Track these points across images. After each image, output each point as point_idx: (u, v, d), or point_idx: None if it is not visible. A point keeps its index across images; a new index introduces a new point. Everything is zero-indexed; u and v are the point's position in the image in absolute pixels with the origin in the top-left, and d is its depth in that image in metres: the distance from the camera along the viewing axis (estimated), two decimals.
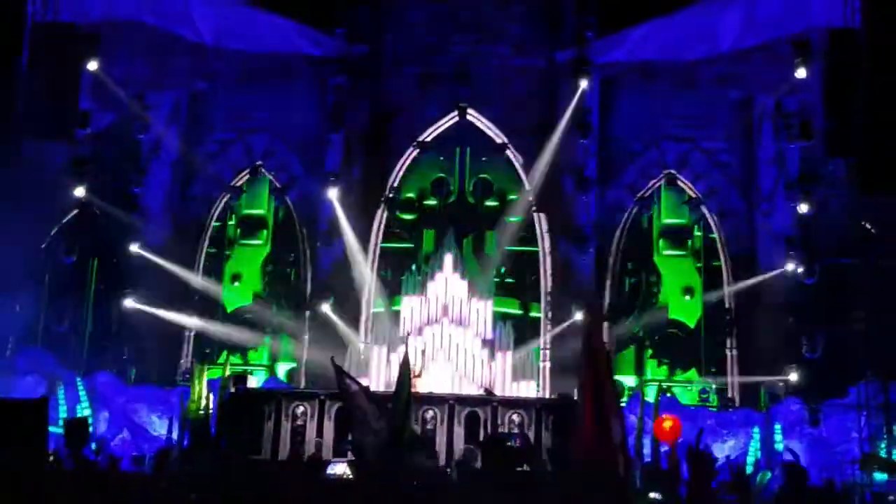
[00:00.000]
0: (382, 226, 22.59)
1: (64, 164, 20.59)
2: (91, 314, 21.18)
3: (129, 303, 20.82)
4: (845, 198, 19.84)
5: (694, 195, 22.17)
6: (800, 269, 19.95)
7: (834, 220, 20.15)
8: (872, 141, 17.32)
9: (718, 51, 21.31)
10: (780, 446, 17.75)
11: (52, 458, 10.06)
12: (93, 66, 20.37)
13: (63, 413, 17.94)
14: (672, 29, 21.52)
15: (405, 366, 10.07)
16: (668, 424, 13.76)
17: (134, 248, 21.03)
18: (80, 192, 20.52)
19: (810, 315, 19.89)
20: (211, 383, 16.94)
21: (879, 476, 16.06)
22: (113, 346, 21.03)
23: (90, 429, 14.53)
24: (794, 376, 19.66)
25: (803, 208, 20.18)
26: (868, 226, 19.62)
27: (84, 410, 18.13)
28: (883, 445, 17.73)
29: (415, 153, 23.00)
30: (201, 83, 22.42)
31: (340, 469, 9.41)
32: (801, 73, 20.02)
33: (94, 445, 15.61)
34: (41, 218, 20.56)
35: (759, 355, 21.11)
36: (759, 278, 21.07)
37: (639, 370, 21.71)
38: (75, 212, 21.02)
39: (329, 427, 16.37)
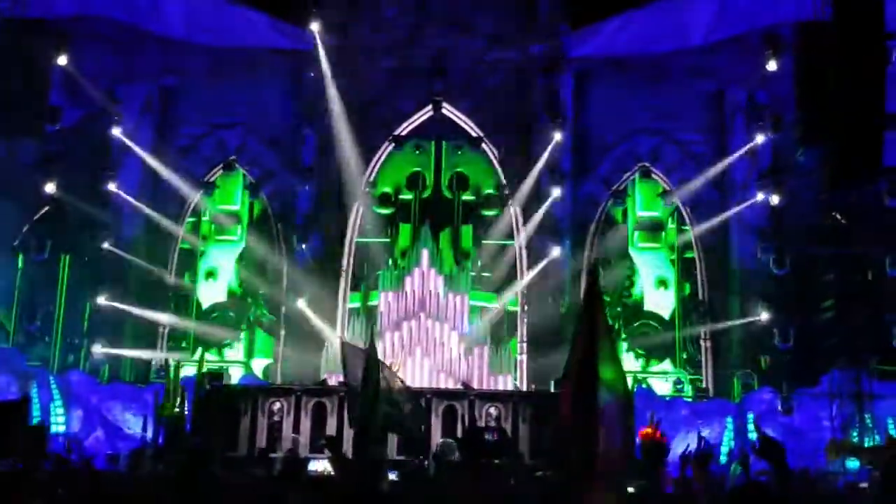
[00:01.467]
0: (358, 220, 22.53)
1: (34, 161, 20.34)
2: (63, 312, 20.94)
3: (102, 300, 20.61)
4: (816, 189, 20.06)
5: (668, 187, 22.33)
6: (771, 260, 20.17)
7: (805, 210, 20.40)
8: (843, 133, 17.49)
9: (690, 44, 21.47)
10: (753, 435, 17.93)
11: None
12: (62, 61, 20.14)
13: (37, 412, 17.73)
14: (644, 22, 21.65)
15: (371, 355, 10.05)
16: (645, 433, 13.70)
17: (106, 244, 20.81)
18: (50, 188, 20.27)
19: (782, 305, 20.13)
20: (186, 380, 16.83)
21: (852, 464, 16.28)
22: (86, 344, 20.81)
23: (46, 433, 14.44)
24: (766, 366, 19.88)
25: (775, 199, 20.42)
26: (839, 216, 19.85)
27: (57, 409, 17.94)
28: (854, 434, 17.97)
29: (390, 147, 22.96)
30: (172, 78, 22.23)
31: (321, 466, 9.38)
32: (772, 65, 20.24)
33: (64, 444, 15.46)
34: (12, 215, 20.30)
35: (732, 345, 21.35)
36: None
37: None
38: (46, 208, 20.76)
39: (306, 423, 16.33)
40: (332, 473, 8.66)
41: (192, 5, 21.71)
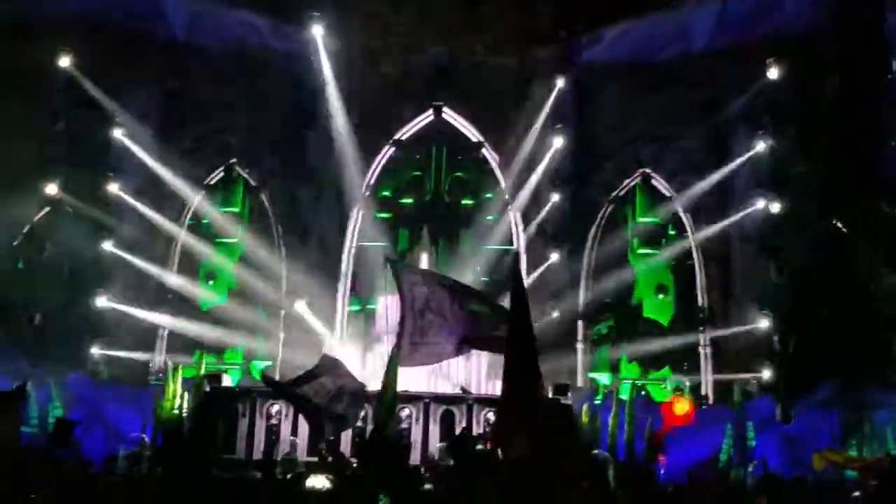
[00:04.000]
0: (358, 225, 22.54)
1: (37, 162, 20.35)
2: (63, 313, 20.93)
3: (102, 301, 20.62)
4: (816, 197, 20.06)
5: (668, 194, 22.33)
6: (771, 268, 20.17)
7: (805, 218, 20.38)
8: (842, 141, 17.53)
9: (692, 51, 21.50)
10: (752, 443, 17.90)
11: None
12: (65, 63, 20.18)
13: (35, 413, 17.70)
14: (646, 29, 21.68)
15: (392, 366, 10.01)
16: (682, 408, 13.59)
17: (107, 245, 20.83)
18: (52, 189, 20.31)
19: (782, 313, 20.11)
20: (185, 382, 16.82)
21: (850, 473, 16.23)
22: (85, 345, 20.79)
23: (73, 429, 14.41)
24: (766, 374, 19.87)
25: (775, 207, 20.41)
26: (839, 224, 19.85)
27: (56, 410, 17.91)
28: (854, 443, 17.93)
29: (391, 152, 22.99)
30: (174, 80, 22.23)
31: (319, 482, 9.34)
32: (772, 73, 20.25)
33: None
34: (13, 215, 20.33)
35: (732, 353, 21.33)
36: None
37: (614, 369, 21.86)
38: (47, 209, 20.79)
39: (304, 426, 16.30)
40: (331, 489, 8.62)
41: (195, 9, 21.75)
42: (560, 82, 21.96)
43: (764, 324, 20.20)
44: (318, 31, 21.54)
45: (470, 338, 9.27)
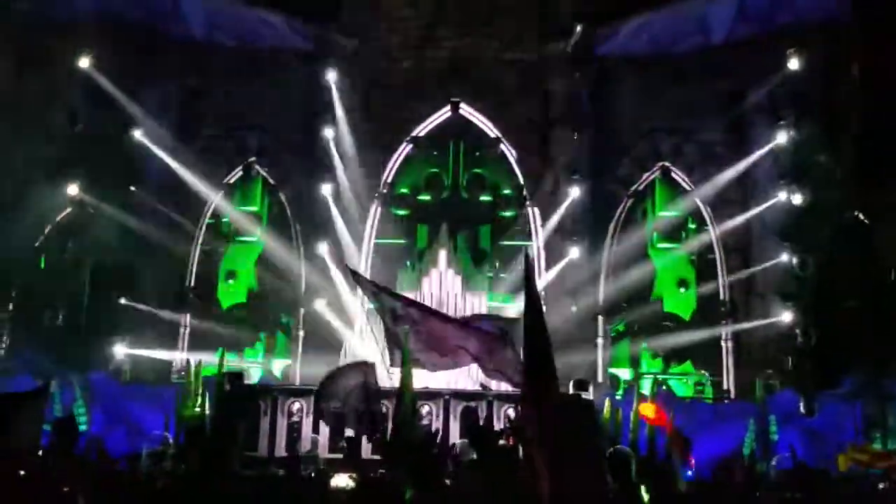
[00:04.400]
0: (376, 221, 22.55)
1: (56, 162, 20.48)
2: (86, 313, 21.09)
3: (124, 301, 20.75)
4: (838, 188, 19.86)
5: (688, 187, 22.18)
6: (794, 260, 19.99)
7: (827, 210, 20.19)
8: (865, 131, 17.34)
9: (711, 43, 21.33)
10: (775, 437, 17.77)
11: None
12: (84, 63, 20.30)
13: (58, 412, 17.84)
14: (664, 21, 21.52)
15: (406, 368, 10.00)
16: (648, 412, 13.65)
17: (128, 244, 20.97)
18: (73, 189, 20.46)
19: (804, 305, 19.94)
20: (206, 381, 16.89)
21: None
22: (108, 344, 20.93)
23: (79, 427, 14.47)
24: (788, 367, 19.70)
25: (797, 199, 20.22)
26: (861, 216, 19.65)
27: (79, 409, 18.04)
28: (877, 436, 17.77)
29: (408, 148, 22.98)
30: (193, 79, 22.30)
31: (343, 481, 9.36)
32: (793, 64, 20.05)
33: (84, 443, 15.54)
34: (35, 215, 20.50)
35: (754, 347, 21.17)
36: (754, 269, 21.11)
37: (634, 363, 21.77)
38: (69, 210, 20.95)
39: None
40: (354, 487, 8.60)
41: (213, 7, 21.81)
42: (577, 76, 21.82)
43: (786, 317, 20.03)
44: (335, 29, 21.57)
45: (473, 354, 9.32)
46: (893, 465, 13.92)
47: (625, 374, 21.64)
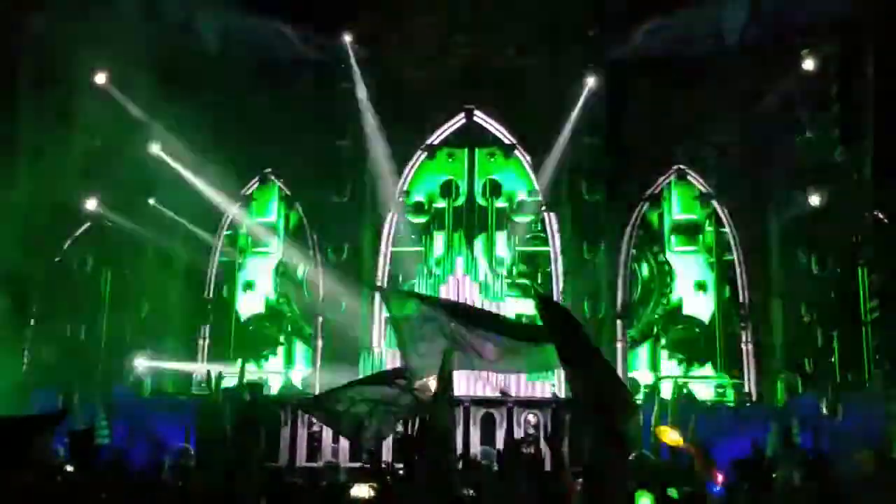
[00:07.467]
0: (392, 230, 22.59)
1: (76, 178, 20.68)
2: (105, 325, 21.26)
3: (144, 314, 20.89)
4: (857, 188, 19.70)
5: (704, 190, 22.07)
6: (813, 261, 19.85)
7: (846, 210, 20.02)
8: (883, 131, 17.19)
9: (726, 45, 21.24)
10: (797, 439, 17.62)
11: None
12: (100, 78, 20.49)
13: (80, 425, 17.96)
14: (679, 23, 21.44)
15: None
16: (664, 437, 13.41)
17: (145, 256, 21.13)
18: (92, 204, 20.66)
19: (825, 306, 19.78)
20: (226, 391, 16.97)
21: None
22: (128, 357, 21.08)
23: (95, 441, 14.58)
24: (810, 369, 19.54)
25: (815, 200, 20.06)
26: (881, 215, 19.49)
27: (101, 422, 18.17)
28: None
29: (423, 156, 23.01)
30: (207, 92, 22.42)
31: (363, 491, 9.34)
32: (808, 64, 19.92)
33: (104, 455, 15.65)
34: (55, 230, 20.72)
35: (775, 349, 21.01)
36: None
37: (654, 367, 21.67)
38: (88, 224, 21.16)
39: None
40: (374, 497, 8.59)
41: (227, 20, 21.96)
42: (591, 80, 21.79)
43: (807, 318, 19.86)
44: (348, 38, 21.69)
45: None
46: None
47: (645, 377, 21.53)
